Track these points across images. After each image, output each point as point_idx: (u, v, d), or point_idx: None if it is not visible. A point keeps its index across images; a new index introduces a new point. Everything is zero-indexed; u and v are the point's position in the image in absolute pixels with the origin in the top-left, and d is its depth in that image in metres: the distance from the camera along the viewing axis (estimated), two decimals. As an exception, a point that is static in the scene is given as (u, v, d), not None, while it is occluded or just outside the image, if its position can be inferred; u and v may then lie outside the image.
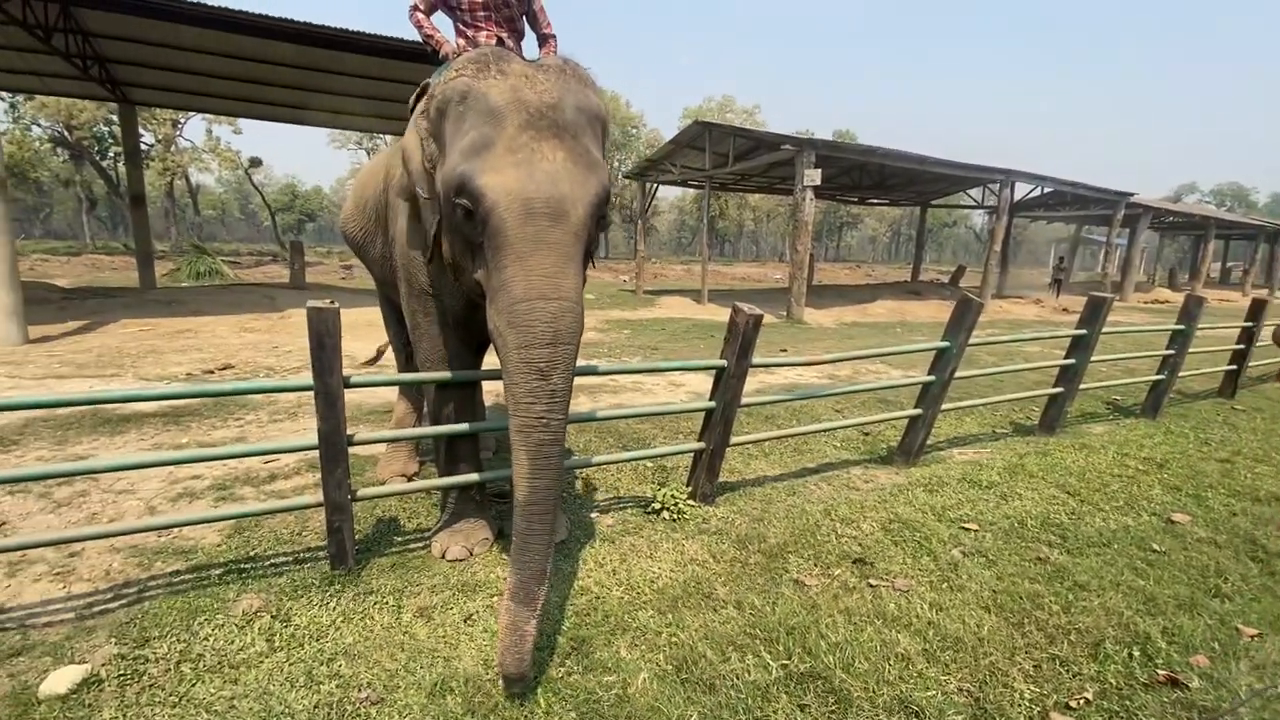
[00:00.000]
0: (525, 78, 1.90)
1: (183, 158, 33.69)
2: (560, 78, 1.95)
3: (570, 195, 1.81)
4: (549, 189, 1.78)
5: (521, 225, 1.77)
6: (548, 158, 1.82)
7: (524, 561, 1.81)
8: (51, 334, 7.64)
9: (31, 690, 1.82)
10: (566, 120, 1.88)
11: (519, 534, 1.83)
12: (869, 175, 18.12)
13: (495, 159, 1.80)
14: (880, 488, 3.60)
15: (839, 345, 9.15)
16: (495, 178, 1.78)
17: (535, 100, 1.86)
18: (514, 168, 1.79)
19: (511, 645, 1.77)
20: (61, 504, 3.04)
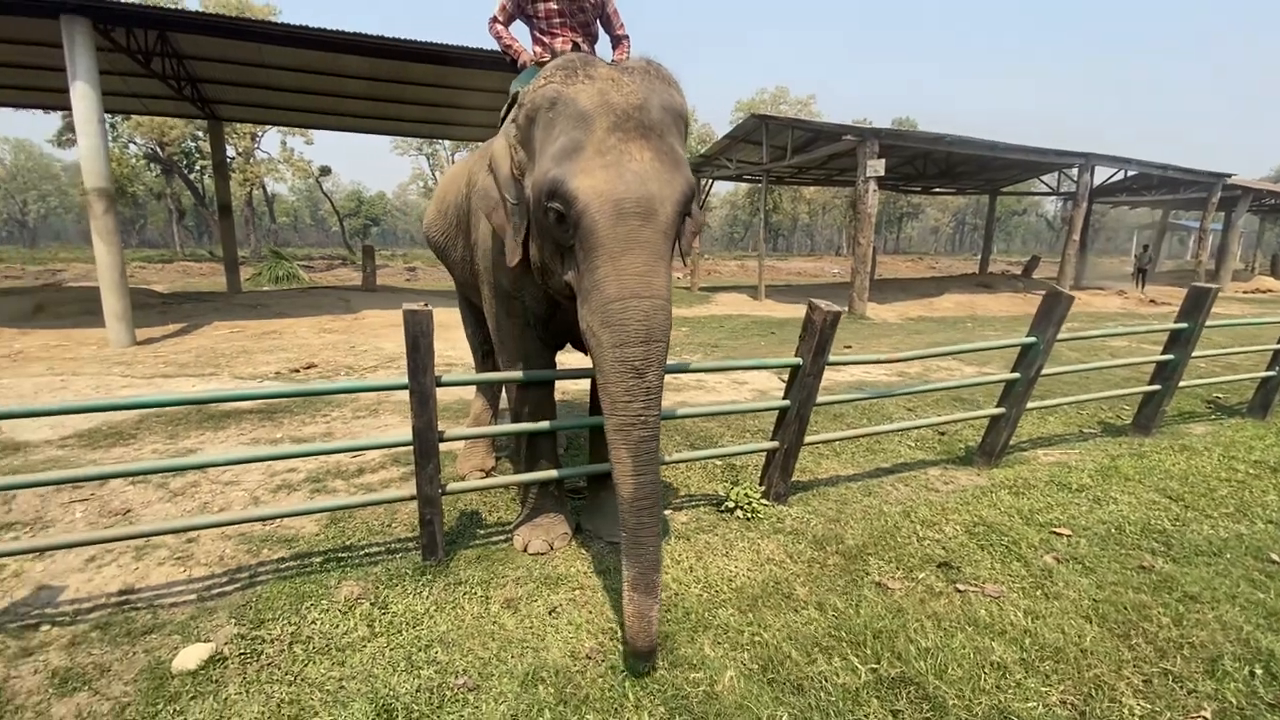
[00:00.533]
0: (612, 81, 1.94)
1: (260, 168, 35.72)
2: (645, 79, 1.99)
3: (659, 194, 1.85)
4: (638, 189, 1.82)
5: (613, 226, 1.81)
6: (636, 158, 1.85)
7: (639, 555, 1.89)
8: (155, 336, 8.27)
9: (165, 665, 1.99)
10: (653, 120, 1.92)
11: (629, 530, 1.89)
12: (934, 164, 17.46)
13: (585, 162, 1.85)
14: (961, 489, 3.48)
15: (905, 341, 8.86)
16: (586, 180, 1.82)
17: (622, 102, 1.89)
18: (604, 169, 1.83)
19: (640, 629, 1.90)
20: (177, 494, 3.29)
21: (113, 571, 2.56)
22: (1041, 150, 13.81)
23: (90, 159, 7.28)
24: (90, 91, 7.09)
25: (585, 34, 2.76)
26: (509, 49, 2.73)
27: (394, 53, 8.95)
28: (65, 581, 2.49)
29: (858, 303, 12.16)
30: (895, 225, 62.31)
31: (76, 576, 2.53)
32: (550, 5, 2.66)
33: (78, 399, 5.13)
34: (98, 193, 7.34)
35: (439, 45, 8.62)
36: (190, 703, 1.84)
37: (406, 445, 2.44)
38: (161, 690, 1.89)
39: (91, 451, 3.88)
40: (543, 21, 2.69)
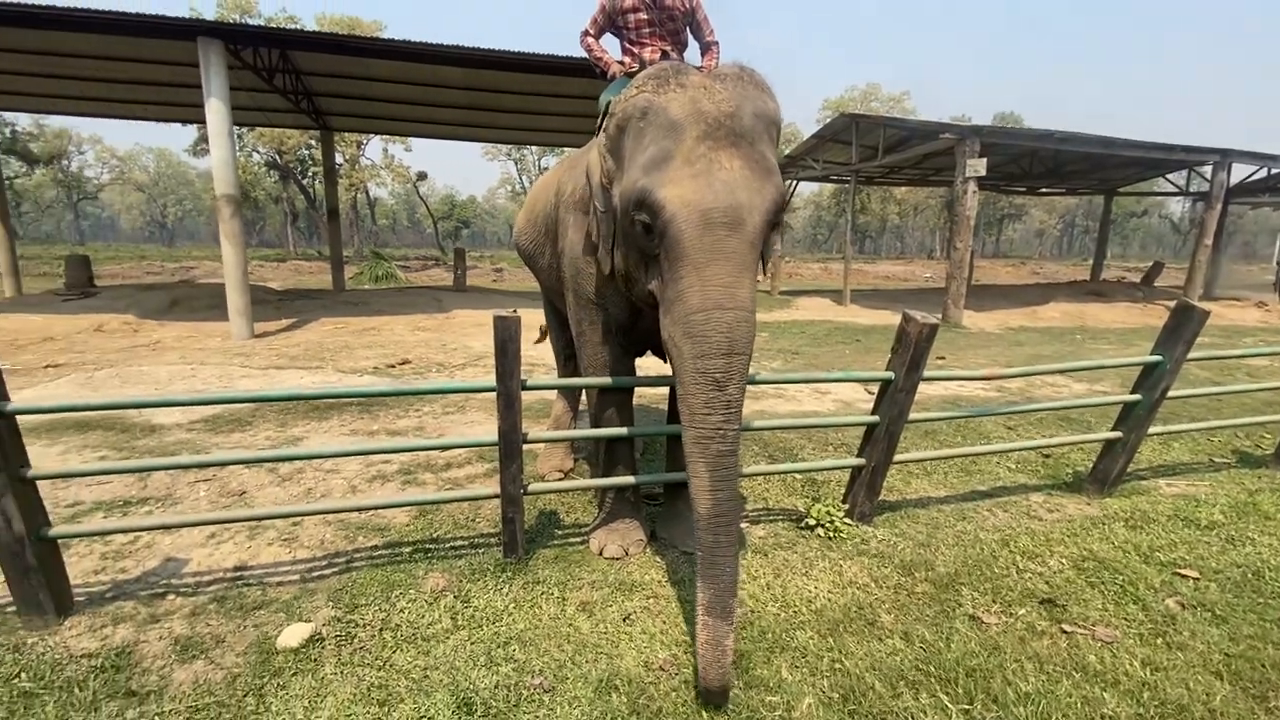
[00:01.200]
0: (704, 89, 1.92)
1: (364, 174, 38.26)
2: (738, 86, 1.95)
3: (747, 203, 1.81)
4: (726, 198, 1.79)
5: (699, 236, 1.79)
6: (725, 167, 1.82)
7: (714, 575, 1.82)
8: (270, 330, 9.02)
9: (271, 641, 2.15)
10: (744, 128, 1.88)
11: (705, 548, 1.84)
12: (1041, 162, 16.23)
13: (674, 171, 1.84)
14: (1068, 519, 3.20)
15: (1005, 353, 8.29)
16: (674, 190, 1.81)
17: (713, 110, 1.87)
18: (692, 179, 1.81)
19: (714, 660, 1.80)
20: (285, 478, 3.56)
21: (229, 548, 2.80)
22: (1168, 146, 12.51)
23: (220, 168, 8.05)
24: (222, 106, 7.83)
25: (675, 42, 2.76)
26: (599, 61, 2.77)
27: (487, 63, 9.33)
28: (189, 555, 2.74)
29: (953, 310, 11.49)
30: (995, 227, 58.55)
31: (199, 551, 2.78)
32: (640, 15, 2.67)
33: (204, 388, 5.66)
34: (226, 199, 8.10)
35: (528, 54, 8.90)
36: (292, 679, 1.98)
37: (492, 445, 2.52)
38: (267, 664, 2.04)
39: (214, 435, 4.27)
40: (632, 32, 2.71)
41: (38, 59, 10.08)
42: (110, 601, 2.38)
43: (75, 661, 2.04)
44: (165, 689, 1.94)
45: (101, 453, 3.92)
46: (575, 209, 2.54)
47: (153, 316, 9.71)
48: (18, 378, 6.01)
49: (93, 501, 3.24)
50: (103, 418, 4.49)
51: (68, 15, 7.53)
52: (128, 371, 6.07)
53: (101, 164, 53.94)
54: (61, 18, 7.57)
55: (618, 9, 2.69)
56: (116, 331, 8.92)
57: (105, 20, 7.60)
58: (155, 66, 10.28)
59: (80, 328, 8.97)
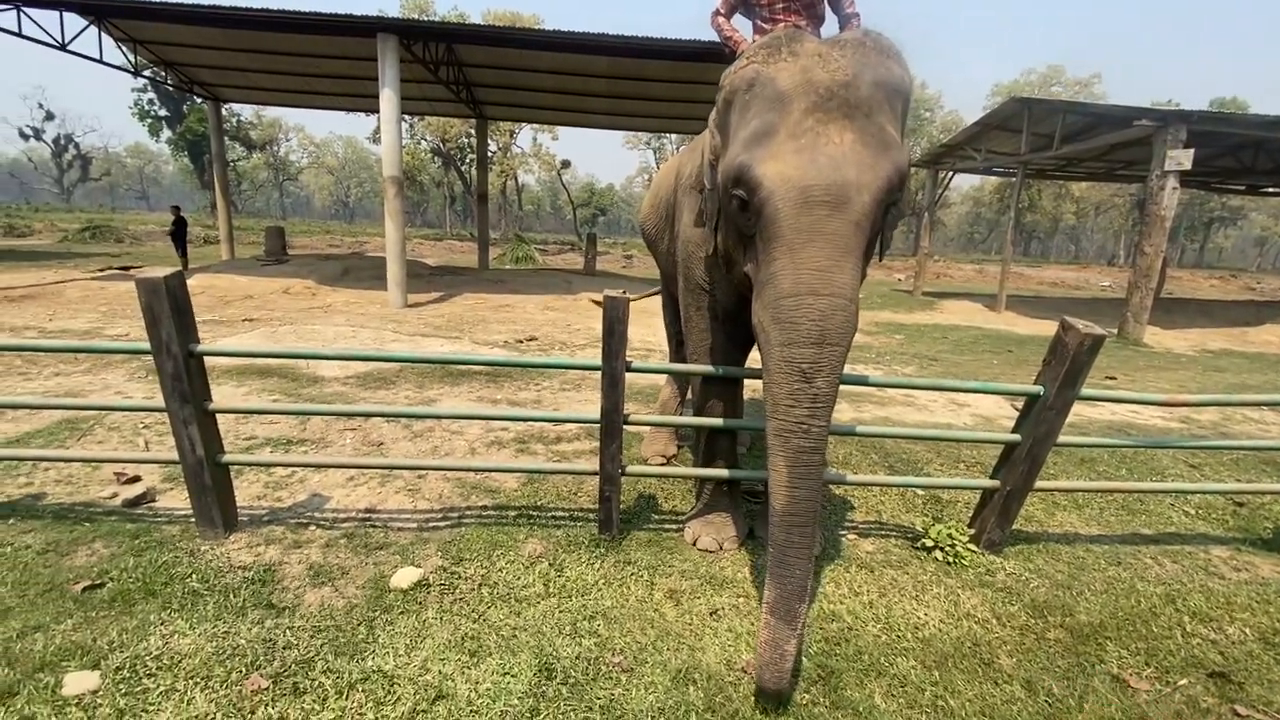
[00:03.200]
0: (818, 57, 1.76)
1: (514, 162, 40.76)
2: (859, 51, 1.77)
3: (855, 181, 1.65)
4: (830, 175, 1.64)
5: (797, 215, 1.66)
6: (834, 141, 1.67)
7: (783, 576, 1.73)
8: (421, 301, 9.91)
9: (386, 580, 2.35)
10: (860, 98, 1.71)
11: (777, 546, 1.75)
12: (1271, 155, 13.52)
13: (776, 146, 1.72)
14: (1260, 581, 2.65)
15: (1197, 380, 7.05)
16: (774, 165, 1.69)
17: (826, 80, 1.72)
18: (795, 154, 1.68)
19: (771, 661, 1.72)
20: (417, 435, 3.89)
21: (364, 491, 3.11)
22: None
23: (388, 151, 8.92)
24: (393, 95, 8.66)
25: (810, 16, 2.58)
26: (729, 40, 2.66)
27: (632, 50, 9.47)
28: (331, 493, 3.08)
29: (1133, 324, 9.98)
30: (1201, 232, 50.05)
31: (339, 490, 3.11)
32: None
33: (361, 348, 6.34)
34: (391, 180, 8.98)
35: (671, 40, 8.91)
36: (398, 617, 2.15)
37: (595, 423, 2.57)
38: (380, 600, 2.24)
39: (364, 390, 4.76)
40: (765, 9, 2.57)
41: (254, 56, 11.79)
42: (266, 525, 2.74)
43: (233, 571, 2.37)
44: (297, 607, 2.19)
45: (275, 396, 4.52)
46: (691, 191, 2.49)
47: (328, 283, 11.05)
48: (223, 328, 7.12)
49: (264, 437, 3.74)
50: (280, 366, 5.17)
51: (274, 16, 8.72)
52: (303, 329, 6.95)
53: (303, 150, 62.41)
54: (263, 18, 8.79)
55: None
56: (299, 294, 10.26)
57: (301, 20, 8.72)
58: (344, 62, 11.61)
59: (273, 289, 10.43)
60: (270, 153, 54.58)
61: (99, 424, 3.76)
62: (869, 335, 9.50)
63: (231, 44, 11.01)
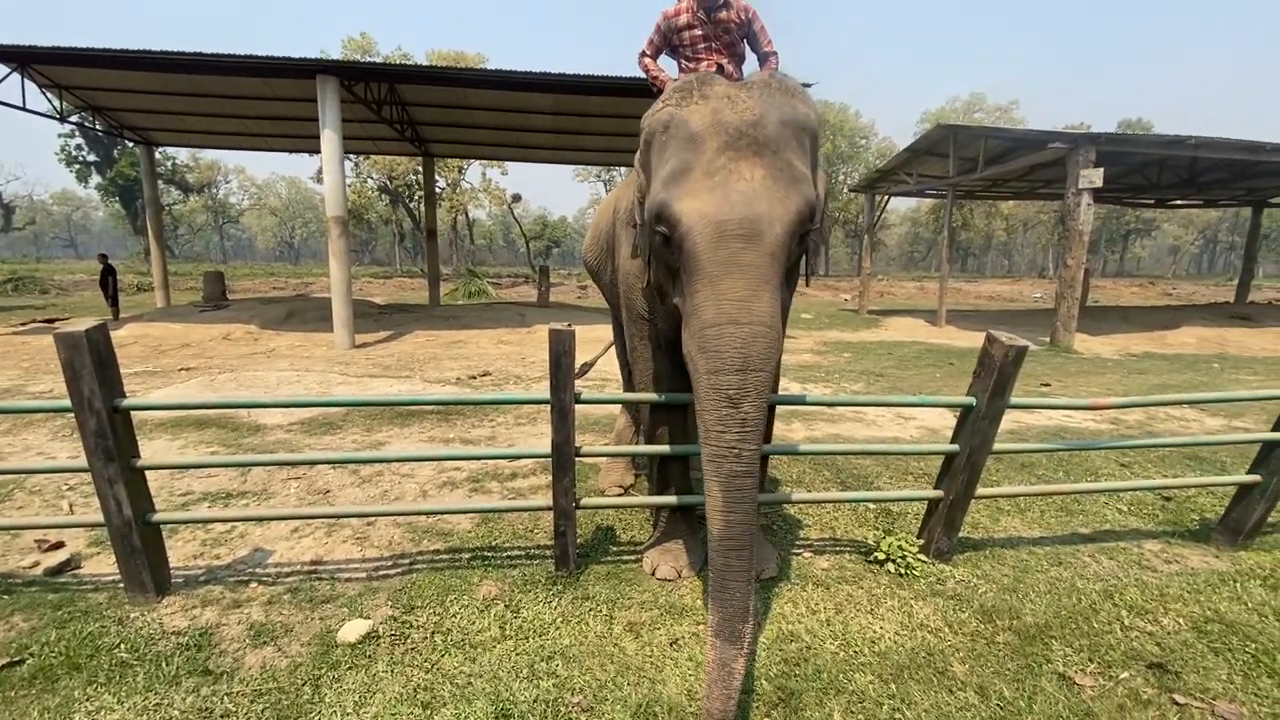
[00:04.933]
0: (727, 99, 1.88)
1: (464, 197, 40.61)
2: (764, 93, 1.90)
3: (767, 214, 1.74)
4: (743, 210, 1.73)
5: (714, 249, 1.74)
6: (745, 177, 1.77)
7: (724, 599, 1.74)
8: (369, 341, 9.70)
9: (332, 634, 2.25)
10: (768, 136, 1.82)
11: (716, 570, 1.77)
12: (1173, 172, 14.69)
13: (692, 184, 1.81)
14: (1189, 572, 2.80)
15: (1123, 382, 7.48)
16: (691, 202, 1.78)
17: (735, 120, 1.82)
18: (709, 191, 1.77)
19: (718, 682, 1.71)
20: (365, 480, 3.77)
21: (309, 543, 2.99)
22: (1333, 150, 10.94)
23: (331, 191, 8.81)
24: (334, 136, 8.59)
25: (731, 54, 2.71)
26: (655, 80, 2.78)
27: (574, 87, 9.68)
28: (274, 547, 2.94)
29: (1062, 333, 10.55)
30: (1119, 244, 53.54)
31: (283, 543, 2.98)
32: (695, 32, 2.66)
33: (305, 393, 6.14)
34: (335, 220, 8.84)
35: (612, 78, 9.14)
36: (346, 672, 2.06)
37: (546, 457, 2.55)
38: (327, 656, 2.14)
39: (309, 437, 4.60)
40: (688, 49, 2.70)
41: (189, 100, 11.53)
42: (202, 585, 2.59)
43: (166, 638, 2.23)
44: (236, 670, 2.07)
45: (212, 448, 4.32)
46: (627, 225, 2.56)
47: (271, 326, 10.71)
48: (157, 378, 6.80)
49: (201, 492, 3.56)
50: (219, 417, 4.95)
51: (208, 60, 8.58)
52: (244, 376, 6.70)
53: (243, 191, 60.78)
54: (195, 62, 8.65)
55: (673, 28, 2.69)
56: (240, 340, 9.90)
57: (235, 64, 8.61)
58: (284, 103, 11.46)
59: (211, 335, 10.04)
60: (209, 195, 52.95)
61: (19, 488, 3.52)
62: (819, 355, 9.75)
63: (164, 87, 10.75)
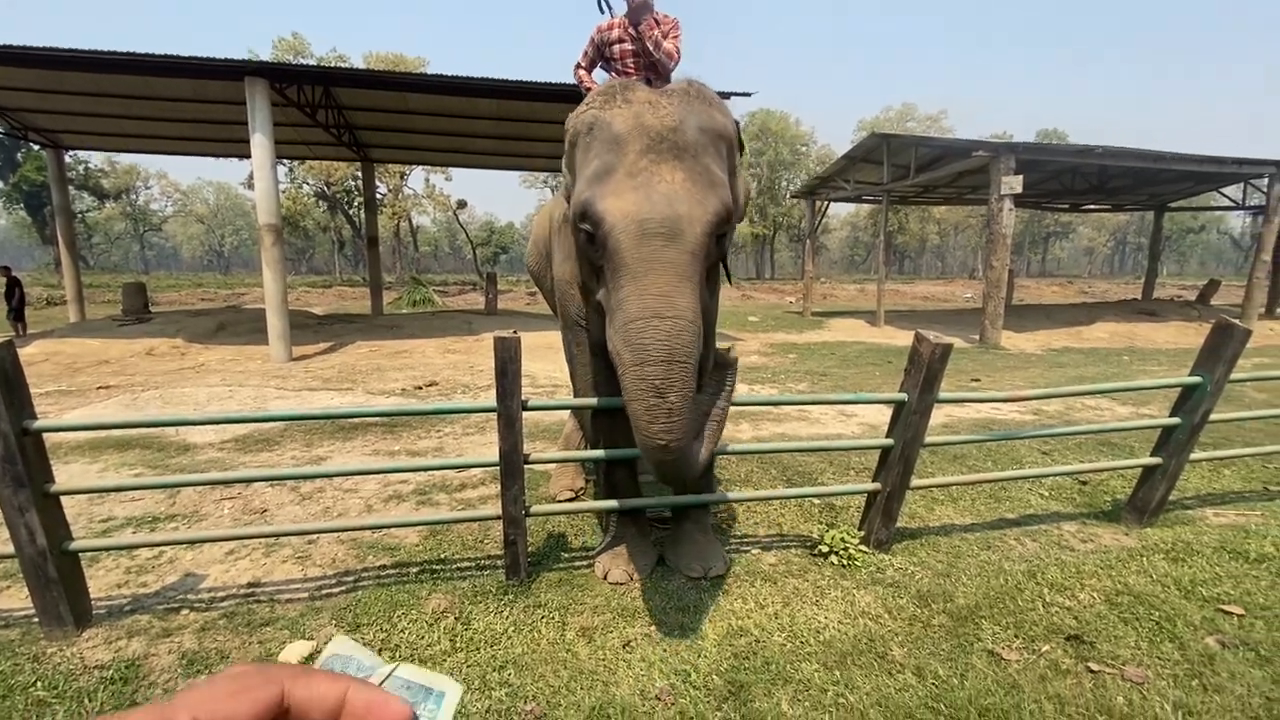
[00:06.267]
0: (649, 104, 1.96)
1: (407, 203, 39.62)
2: (684, 100, 1.98)
3: (687, 215, 1.83)
4: (664, 209, 1.81)
5: (636, 246, 1.81)
6: (665, 179, 1.85)
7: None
8: (308, 353, 9.33)
9: (273, 658, 2.17)
10: (687, 141, 1.91)
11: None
12: (1084, 179, 15.76)
13: (615, 184, 1.88)
14: (1103, 550, 3.02)
15: (1045, 375, 7.97)
16: (614, 201, 1.85)
17: (657, 124, 1.91)
18: (632, 191, 1.84)
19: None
20: (305, 497, 3.64)
21: (245, 565, 2.87)
22: (1218, 159, 12.00)
23: (263, 198, 8.45)
24: (265, 140, 8.25)
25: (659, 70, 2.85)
26: (588, 91, 2.86)
27: (517, 93, 9.62)
28: (207, 570, 2.81)
29: (990, 331, 11.16)
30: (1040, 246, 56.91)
31: (217, 567, 2.85)
32: (625, 46, 2.79)
33: (239, 409, 5.87)
34: (268, 227, 8.48)
35: (555, 84, 9.14)
36: (288, 697, 1.99)
37: (494, 465, 2.53)
38: (267, 682, 2.06)
39: (243, 455, 4.40)
40: (618, 62, 2.82)
41: (102, 100, 10.84)
42: (128, 615, 2.45)
43: (88, 672, 2.10)
44: (168, 703, 1.97)
45: (137, 470, 4.08)
46: (561, 232, 2.59)
47: (200, 340, 10.17)
48: (72, 398, 6.36)
49: (124, 517, 3.36)
50: (143, 436, 4.68)
51: (125, 60, 8.09)
52: (171, 393, 6.34)
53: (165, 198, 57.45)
54: (110, 61, 8.13)
55: (606, 41, 2.81)
56: (166, 355, 9.36)
57: (155, 64, 8.15)
58: (211, 105, 10.93)
59: (133, 351, 9.45)
60: (127, 202, 49.81)
61: (-90, 522, 3.24)
62: (765, 356, 9.98)
63: (73, 87, 10.06)
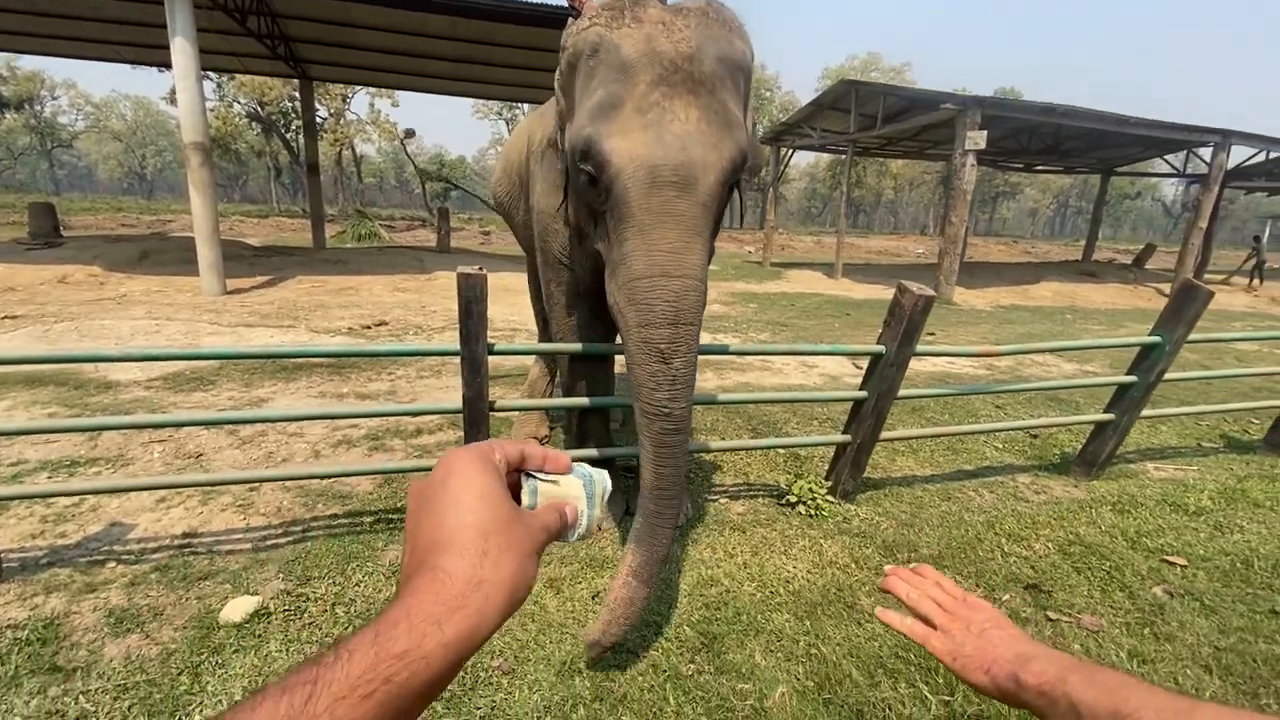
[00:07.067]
0: (662, 25, 1.69)
1: (349, 129, 37.15)
2: (702, 23, 1.71)
3: (701, 161, 1.62)
4: (678, 155, 1.60)
5: (646, 196, 1.61)
6: (679, 118, 1.62)
7: (651, 543, 1.75)
8: (244, 286, 8.72)
9: (213, 615, 2.01)
10: (704, 73, 1.66)
11: (647, 515, 1.76)
12: (1040, 138, 15.97)
13: (623, 121, 1.64)
14: (1054, 501, 3.12)
15: (996, 331, 8.21)
16: (622, 142, 1.62)
17: (671, 51, 1.65)
18: (642, 130, 1.61)
19: (622, 616, 1.75)
20: (246, 441, 3.40)
21: (180, 513, 2.65)
22: (1169, 125, 12.33)
23: (188, 114, 7.64)
24: (188, 47, 7.39)
25: None
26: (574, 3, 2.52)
27: (474, 12, 8.88)
28: (136, 520, 2.59)
29: (944, 286, 11.38)
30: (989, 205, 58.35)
31: (147, 515, 2.62)
32: None
33: (168, 344, 5.43)
34: (194, 146, 7.71)
35: (517, 4, 8.47)
36: (233, 655, 1.85)
37: (457, 412, 2.37)
38: (207, 640, 1.91)
39: (174, 394, 4.07)
40: None
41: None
42: (45, 569, 2.23)
43: (0, 633, 1.90)
44: (94, 664, 1.80)
45: (51, 409, 3.72)
46: (543, 159, 2.35)
47: (120, 269, 9.36)
48: (-28, 329, 5.75)
49: (38, 461, 3.06)
50: (55, 372, 4.27)
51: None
52: (89, 325, 5.81)
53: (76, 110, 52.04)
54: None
55: None
56: (82, 283, 8.58)
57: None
58: (124, 3, 9.70)
59: (43, 278, 8.63)
60: (31, 113, 44.92)
61: None
62: (726, 305, 9.93)
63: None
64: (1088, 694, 0.51)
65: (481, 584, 0.38)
